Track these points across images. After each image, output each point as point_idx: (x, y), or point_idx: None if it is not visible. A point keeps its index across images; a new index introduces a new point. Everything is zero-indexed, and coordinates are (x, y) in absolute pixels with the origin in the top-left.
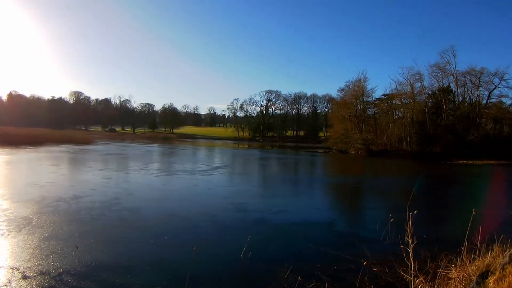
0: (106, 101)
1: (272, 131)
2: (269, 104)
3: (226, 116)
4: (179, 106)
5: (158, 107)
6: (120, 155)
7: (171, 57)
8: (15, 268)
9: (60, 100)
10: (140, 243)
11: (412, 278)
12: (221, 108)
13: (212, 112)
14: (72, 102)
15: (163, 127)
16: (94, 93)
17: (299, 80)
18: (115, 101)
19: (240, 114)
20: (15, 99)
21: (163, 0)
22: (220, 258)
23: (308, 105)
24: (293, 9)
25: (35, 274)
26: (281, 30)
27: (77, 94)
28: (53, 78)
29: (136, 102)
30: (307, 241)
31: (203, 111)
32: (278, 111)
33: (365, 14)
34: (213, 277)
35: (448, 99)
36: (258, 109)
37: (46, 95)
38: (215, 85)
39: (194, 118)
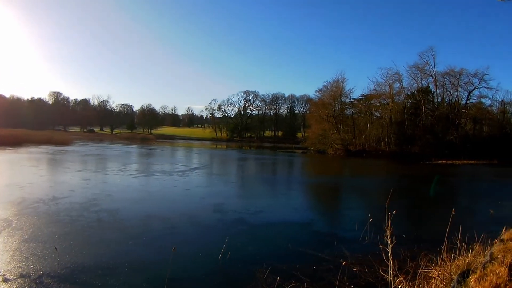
0: (85, 102)
1: (250, 131)
2: (247, 105)
3: (204, 116)
4: (157, 107)
5: (136, 107)
6: (99, 156)
7: (150, 57)
8: None
9: (40, 100)
10: (119, 244)
11: (392, 278)
12: (199, 108)
13: (190, 112)
14: (51, 102)
15: (141, 127)
16: (74, 93)
17: (277, 80)
18: (94, 101)
19: (218, 114)
20: None
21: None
22: (199, 259)
23: (286, 106)
24: (271, 9)
25: (15, 277)
26: (259, 30)
27: (56, 95)
28: (34, 78)
29: (115, 102)
30: (286, 241)
31: (181, 111)
32: (256, 112)
33: (343, 14)
34: (192, 278)
35: (427, 99)
36: (236, 109)
37: (26, 96)
38: (194, 85)
39: (172, 119)
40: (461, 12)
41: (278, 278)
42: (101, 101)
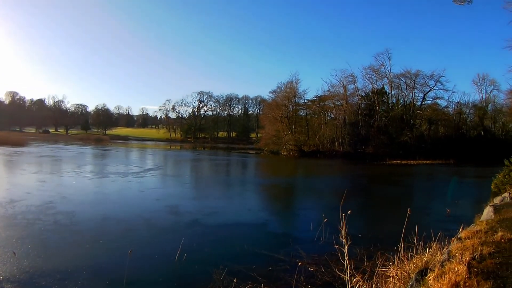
0: (41, 102)
1: (204, 132)
2: (201, 105)
3: (159, 117)
4: (112, 107)
5: (91, 107)
6: (54, 158)
7: (103, 56)
8: None
9: None
10: (77, 247)
11: (349, 278)
12: (154, 109)
13: (144, 113)
14: (7, 102)
15: (95, 128)
16: (30, 93)
17: (231, 81)
18: (49, 101)
19: (172, 115)
20: None
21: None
22: (156, 262)
23: (240, 107)
24: (225, 10)
25: None
26: (213, 31)
27: (13, 94)
28: None
29: (70, 102)
30: (241, 242)
31: (135, 112)
32: (210, 112)
33: (297, 15)
34: (149, 281)
35: (381, 100)
36: (190, 110)
37: None
38: (148, 85)
39: (126, 119)
40: (418, 15)
41: (235, 279)
42: (56, 101)
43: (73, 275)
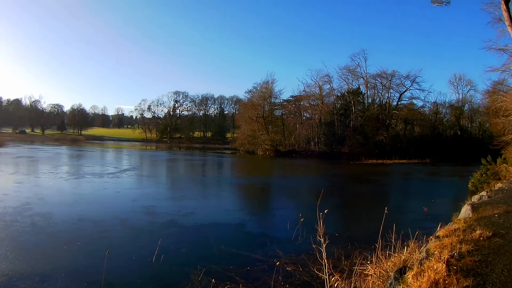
0: (17, 102)
1: (179, 132)
2: (176, 105)
3: (134, 117)
4: (87, 107)
5: (67, 107)
6: (31, 158)
7: (79, 56)
8: None
9: None
10: (54, 249)
11: (327, 277)
12: (129, 109)
13: (120, 113)
14: None
15: (71, 128)
16: (7, 93)
17: (207, 81)
18: (26, 101)
19: (148, 115)
20: None
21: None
22: (133, 263)
23: (215, 107)
24: (200, 10)
25: None
26: (189, 31)
27: None
28: None
29: (46, 102)
30: (219, 243)
31: (111, 112)
32: (185, 112)
33: (273, 15)
34: (127, 283)
35: (357, 100)
36: (166, 110)
37: None
38: (123, 85)
39: (102, 119)
40: (396, 15)
41: (213, 280)
42: (32, 101)
43: (52, 277)
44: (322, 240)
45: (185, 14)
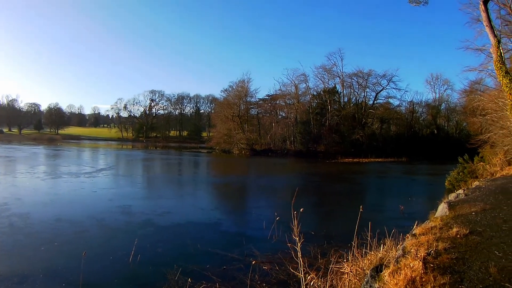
0: None
1: (155, 131)
2: (152, 104)
3: (110, 116)
4: (64, 106)
5: (44, 106)
6: (8, 158)
7: (56, 54)
8: None
9: None
10: (32, 250)
11: (303, 275)
12: (105, 108)
13: (96, 112)
14: None
15: (48, 128)
16: None
17: (183, 80)
18: (3, 100)
19: (124, 114)
20: None
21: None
22: (110, 263)
23: (191, 105)
24: (176, 9)
25: None
26: (165, 29)
27: None
28: None
29: (23, 101)
30: (195, 242)
31: (87, 111)
32: (161, 111)
33: (249, 15)
34: (104, 283)
35: (333, 99)
36: (142, 109)
37: None
38: (100, 84)
39: (78, 118)
40: (373, 15)
41: (189, 279)
42: (10, 100)
43: (30, 278)
44: (297, 238)
45: (162, 13)
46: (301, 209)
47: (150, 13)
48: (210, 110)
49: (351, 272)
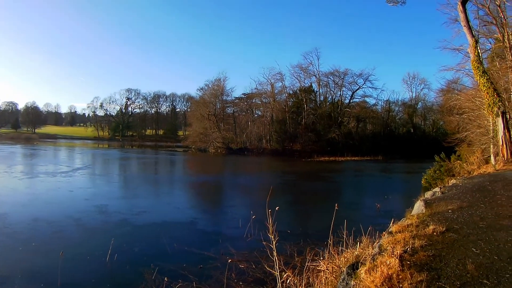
0: None
1: (131, 130)
2: (128, 103)
3: (87, 115)
4: (41, 105)
5: (21, 105)
6: None
7: (33, 53)
8: None
9: None
10: (10, 250)
11: (278, 273)
12: (82, 106)
13: (72, 111)
14: None
15: (25, 126)
16: None
17: (159, 79)
18: None
19: (100, 113)
20: None
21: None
22: (87, 263)
23: (167, 104)
24: (154, 7)
25: None
26: (142, 28)
27: None
28: None
29: (0, 100)
30: (171, 241)
31: (64, 109)
32: (137, 110)
33: (225, 12)
34: (82, 282)
35: (309, 98)
36: (118, 107)
37: None
38: (76, 82)
39: (55, 117)
40: (350, 15)
41: (166, 278)
42: None
43: (9, 279)
44: (272, 237)
45: (137, 11)
46: (277, 208)
47: (124, 11)
48: (186, 108)
49: (328, 269)
